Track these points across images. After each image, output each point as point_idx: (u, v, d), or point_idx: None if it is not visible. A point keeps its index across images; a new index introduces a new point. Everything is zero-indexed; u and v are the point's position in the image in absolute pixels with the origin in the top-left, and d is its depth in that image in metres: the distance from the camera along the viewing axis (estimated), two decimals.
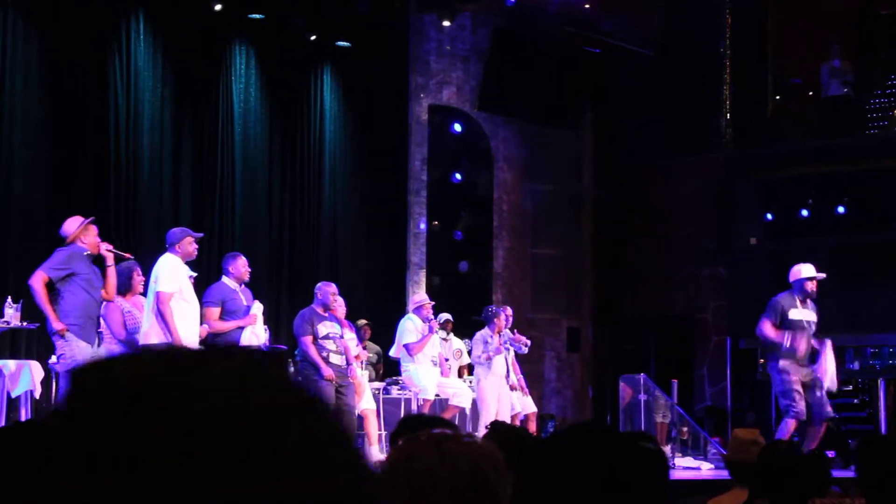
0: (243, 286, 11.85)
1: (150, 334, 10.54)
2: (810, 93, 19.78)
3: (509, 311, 14.56)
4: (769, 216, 19.08)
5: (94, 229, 10.63)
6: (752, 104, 19.81)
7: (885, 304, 17.53)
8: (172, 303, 10.64)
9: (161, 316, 10.58)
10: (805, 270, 12.70)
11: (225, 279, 11.82)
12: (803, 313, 12.58)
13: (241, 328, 11.60)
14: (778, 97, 20.22)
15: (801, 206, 18.92)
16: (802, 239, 18.65)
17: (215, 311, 11.57)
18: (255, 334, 11.69)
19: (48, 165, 14.24)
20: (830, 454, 13.94)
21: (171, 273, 10.70)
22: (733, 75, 19.74)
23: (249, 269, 11.94)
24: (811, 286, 12.63)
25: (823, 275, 12.84)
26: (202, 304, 11.44)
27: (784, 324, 12.50)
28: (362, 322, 15.29)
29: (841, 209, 18.57)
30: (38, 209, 14.06)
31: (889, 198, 18.04)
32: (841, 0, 20.08)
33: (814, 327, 12.66)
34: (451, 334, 15.35)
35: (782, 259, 18.86)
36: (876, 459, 4.66)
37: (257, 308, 11.77)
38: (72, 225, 10.60)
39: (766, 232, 19.10)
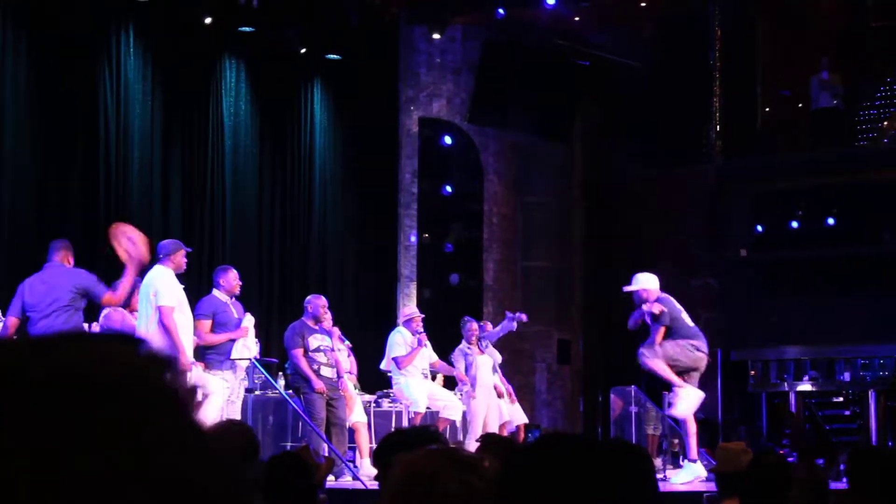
0: (234, 299, 11.85)
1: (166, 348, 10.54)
2: (800, 105, 19.82)
3: (474, 325, 14.54)
4: (759, 228, 19.10)
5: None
6: (741, 116, 19.84)
7: (874, 316, 17.56)
8: (174, 316, 10.69)
9: (166, 330, 10.57)
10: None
11: (216, 292, 11.82)
12: None
13: (233, 340, 11.59)
14: (767, 109, 20.26)
15: (790, 218, 18.94)
16: (792, 250, 18.68)
17: (206, 324, 11.57)
18: (247, 346, 11.68)
19: (37, 178, 14.22)
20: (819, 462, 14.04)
21: (171, 286, 10.72)
22: (723, 87, 19.77)
23: (240, 283, 11.94)
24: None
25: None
26: (193, 316, 11.42)
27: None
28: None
29: (831, 221, 18.60)
30: (28, 221, 14.03)
31: (879, 209, 18.08)
32: (830, 12, 20.12)
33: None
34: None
35: (772, 271, 18.93)
36: (867, 471, 4.66)
37: (249, 321, 11.76)
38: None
39: (757, 243, 19.12)
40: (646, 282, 13.01)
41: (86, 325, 11.80)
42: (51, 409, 0.88)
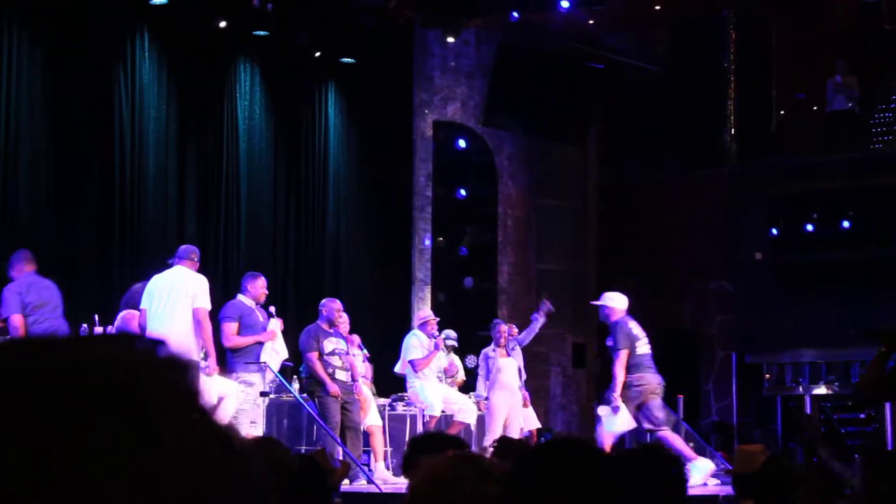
0: (258, 307, 11.93)
1: (193, 349, 10.68)
2: (815, 108, 19.78)
3: (503, 328, 14.58)
4: (774, 231, 19.07)
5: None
6: (756, 119, 19.80)
7: (890, 319, 17.50)
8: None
9: (202, 330, 10.75)
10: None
11: (241, 297, 11.91)
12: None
13: (260, 344, 11.69)
14: (782, 112, 20.22)
15: (806, 221, 18.90)
16: (808, 254, 18.64)
17: (233, 326, 11.65)
18: (275, 350, 11.77)
19: (53, 183, 14.25)
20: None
21: (207, 290, 10.94)
22: (738, 90, 19.73)
23: (266, 292, 12.03)
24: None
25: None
26: (218, 319, 11.57)
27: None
28: None
29: (846, 224, 18.56)
30: (44, 227, 14.06)
31: (894, 213, 18.03)
32: (845, 15, 20.08)
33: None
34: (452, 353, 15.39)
35: (788, 274, 18.89)
36: (882, 474, 4.65)
37: (276, 324, 11.83)
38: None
39: (772, 247, 19.09)
40: (611, 300, 13.09)
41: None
42: (63, 410, 0.86)
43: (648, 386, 12.77)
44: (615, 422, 12.80)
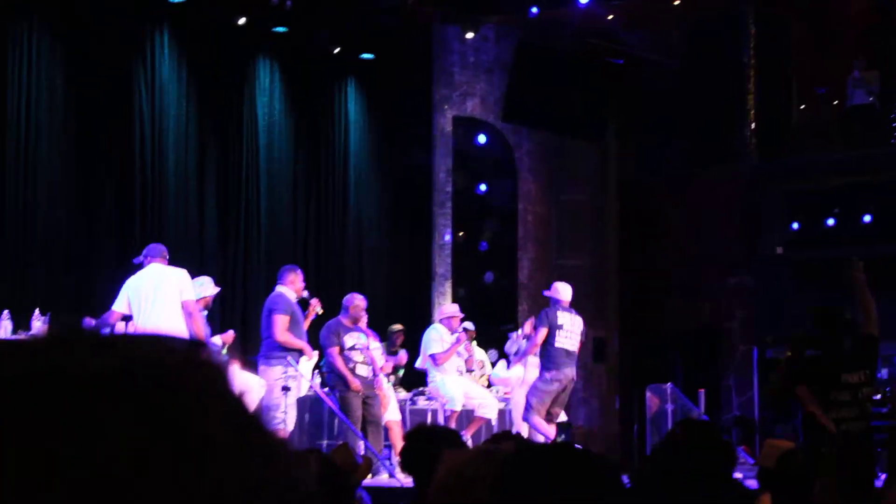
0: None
1: None
2: (835, 102, 19.71)
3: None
4: (795, 226, 19.01)
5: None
6: (776, 114, 19.74)
7: None
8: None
9: (193, 322, 10.84)
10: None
11: (282, 289, 11.97)
12: None
13: (301, 352, 11.84)
14: (802, 107, 20.16)
15: (827, 216, 18.83)
16: (829, 248, 18.57)
17: (286, 320, 11.71)
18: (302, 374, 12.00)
19: (73, 181, 14.31)
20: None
21: (190, 282, 11.07)
22: (757, 85, 19.67)
23: (304, 285, 12.14)
24: None
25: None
26: (270, 311, 11.65)
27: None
28: (398, 327, 15.19)
29: (867, 218, 18.49)
30: (63, 224, 14.12)
31: None
32: (865, 9, 20.01)
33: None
34: (474, 343, 15.36)
35: (808, 269, 18.83)
36: None
37: (314, 355, 12.13)
38: None
39: (792, 241, 19.03)
40: (555, 290, 13.83)
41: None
42: (111, 409, 0.85)
43: (554, 384, 13.27)
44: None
